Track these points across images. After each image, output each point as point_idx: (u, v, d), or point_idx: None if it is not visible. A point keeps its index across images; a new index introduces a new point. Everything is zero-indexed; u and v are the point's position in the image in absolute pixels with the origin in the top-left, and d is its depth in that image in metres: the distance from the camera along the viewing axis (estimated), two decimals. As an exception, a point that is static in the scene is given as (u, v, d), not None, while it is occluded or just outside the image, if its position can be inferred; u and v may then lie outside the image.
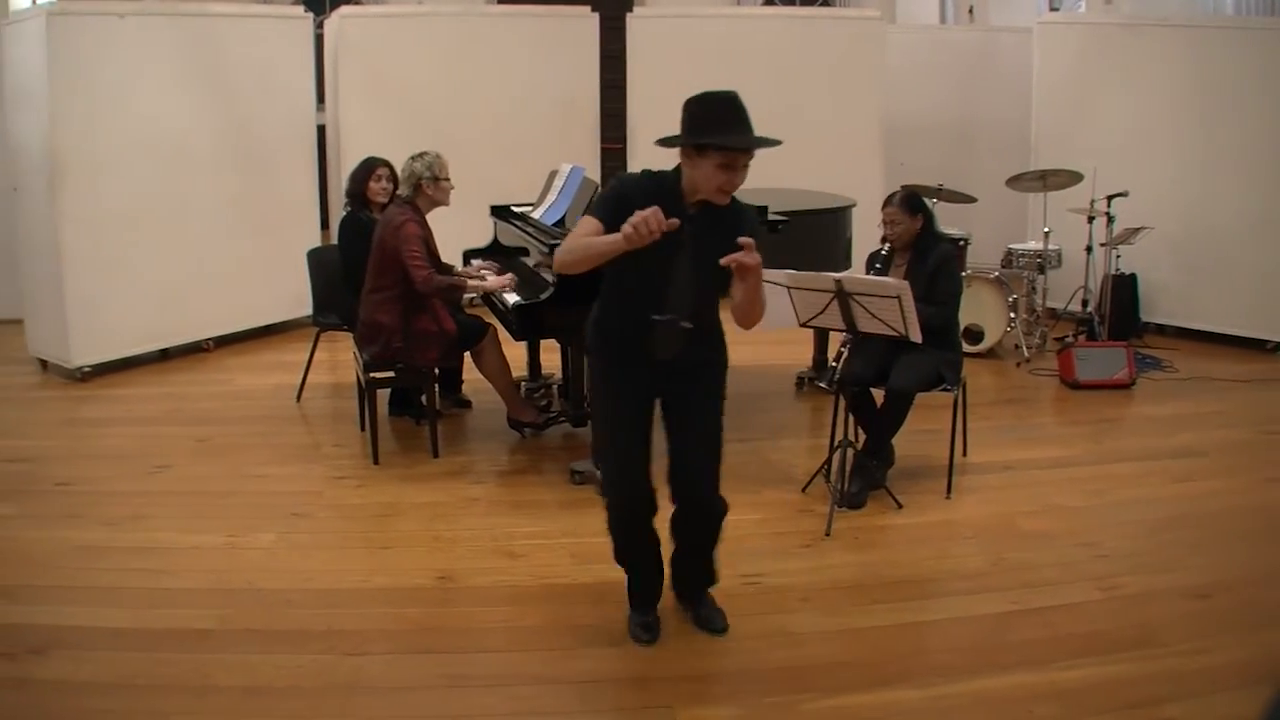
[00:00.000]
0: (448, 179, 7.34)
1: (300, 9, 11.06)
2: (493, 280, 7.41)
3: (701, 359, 4.74)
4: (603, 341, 4.80)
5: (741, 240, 4.19)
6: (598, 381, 4.94)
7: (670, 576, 5.15)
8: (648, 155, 11.58)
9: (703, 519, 4.94)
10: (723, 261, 4.19)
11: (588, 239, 4.39)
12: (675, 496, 4.85)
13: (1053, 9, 14.89)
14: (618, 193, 4.55)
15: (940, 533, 6.12)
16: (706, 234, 4.37)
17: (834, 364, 6.43)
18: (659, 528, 4.94)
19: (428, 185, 7.25)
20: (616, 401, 4.81)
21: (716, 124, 4.42)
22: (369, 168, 8.06)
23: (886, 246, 6.71)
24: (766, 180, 9.37)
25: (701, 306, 4.58)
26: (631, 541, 4.96)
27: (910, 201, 6.68)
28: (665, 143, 4.51)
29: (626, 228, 4.08)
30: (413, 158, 7.33)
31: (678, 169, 4.55)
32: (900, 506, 6.33)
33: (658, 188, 4.49)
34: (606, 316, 4.79)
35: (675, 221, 4.08)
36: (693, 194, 4.49)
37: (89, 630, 5.20)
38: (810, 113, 11.84)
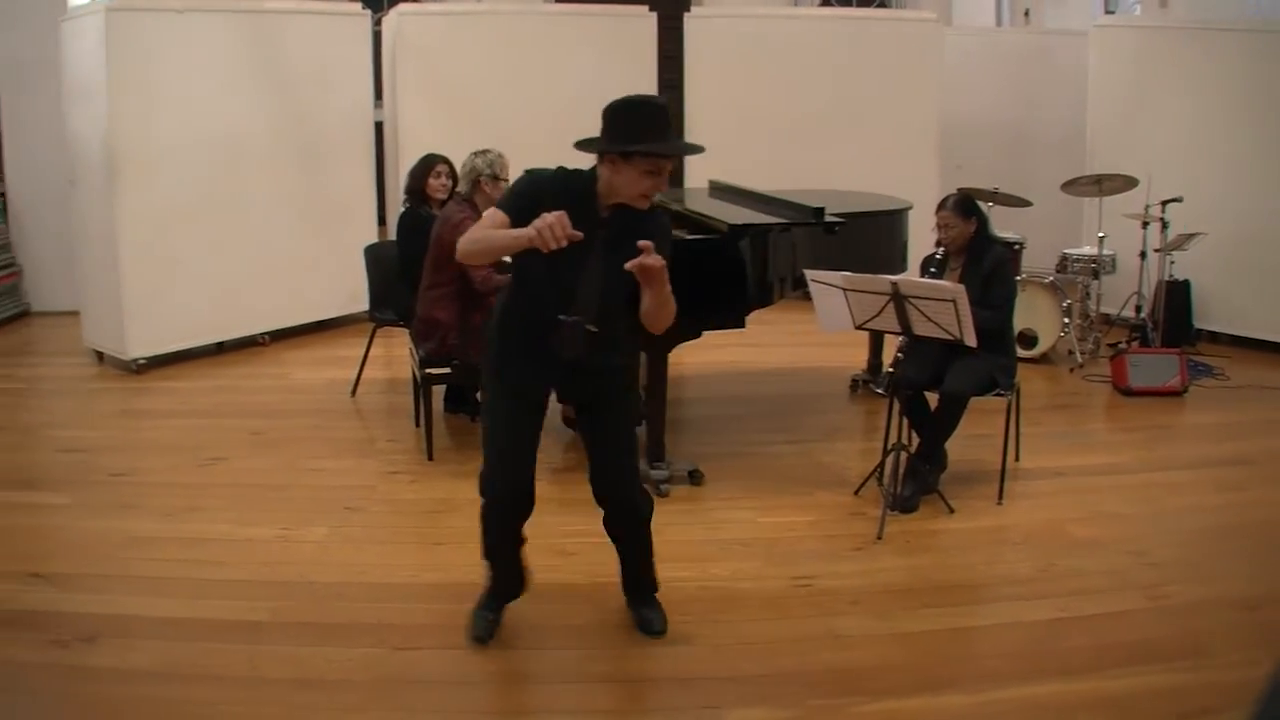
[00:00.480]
0: (508, 179, 7.33)
1: (358, 5, 11.13)
2: None
3: (610, 364, 4.71)
4: (505, 336, 4.74)
5: (641, 244, 4.19)
6: (492, 376, 4.83)
7: (621, 580, 5.20)
8: (705, 155, 11.65)
9: (626, 518, 4.99)
10: (626, 266, 4.21)
11: (492, 231, 4.38)
12: (598, 499, 4.92)
13: (1108, 12, 14.81)
14: (529, 189, 4.52)
15: (991, 538, 6.09)
16: (620, 238, 4.37)
17: (889, 369, 6.43)
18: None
19: (487, 183, 7.26)
20: (509, 399, 4.78)
21: (643, 131, 4.41)
22: (429, 164, 8.08)
23: (941, 250, 6.69)
24: (823, 182, 9.40)
25: (609, 310, 4.56)
26: (503, 538, 5.02)
27: (964, 205, 6.66)
28: (584, 146, 4.54)
29: (531, 230, 4.10)
30: (474, 154, 7.35)
31: (593, 170, 4.54)
32: (952, 511, 6.31)
33: (572, 188, 4.50)
34: (512, 312, 4.74)
35: (579, 235, 4.10)
36: (609, 197, 4.48)
37: (140, 619, 5.26)
38: (866, 114, 11.88)
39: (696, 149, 4.61)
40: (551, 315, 4.44)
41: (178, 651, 4.96)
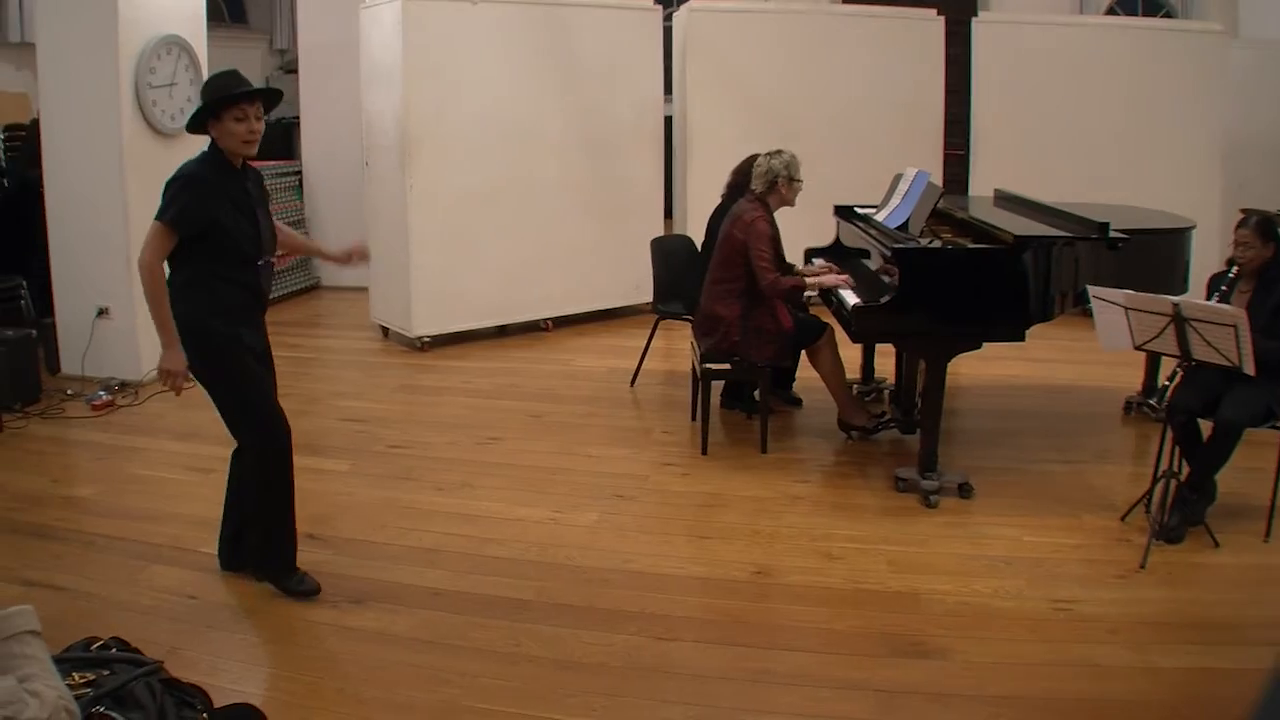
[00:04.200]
0: (801, 180, 7.40)
1: (649, 1, 11.28)
2: (830, 277, 7.43)
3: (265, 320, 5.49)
4: (227, 313, 5.17)
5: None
6: (229, 349, 5.20)
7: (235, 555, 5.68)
8: (990, 162, 11.55)
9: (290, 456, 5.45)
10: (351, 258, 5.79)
11: (163, 298, 5.01)
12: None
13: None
14: (200, 189, 5.02)
15: (1255, 577, 5.84)
16: (256, 184, 5.30)
17: (1166, 383, 6.29)
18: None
19: (783, 184, 7.33)
20: (253, 364, 5.28)
21: (221, 90, 5.03)
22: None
23: (1233, 270, 6.50)
24: (1103, 195, 9.23)
25: (272, 244, 5.38)
26: (288, 486, 5.42)
27: (1265, 227, 6.39)
28: (193, 127, 5.16)
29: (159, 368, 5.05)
30: (769, 155, 7.41)
31: (212, 148, 5.13)
32: (1217, 545, 6.06)
33: (212, 166, 5.10)
34: (215, 298, 5.15)
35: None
36: (234, 158, 5.14)
37: (408, 588, 5.52)
38: (1149, 127, 11.63)
39: (272, 91, 5.34)
40: (252, 266, 5.21)
41: (442, 622, 5.18)
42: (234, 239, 5.06)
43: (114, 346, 8.89)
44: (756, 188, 7.41)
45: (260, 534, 5.43)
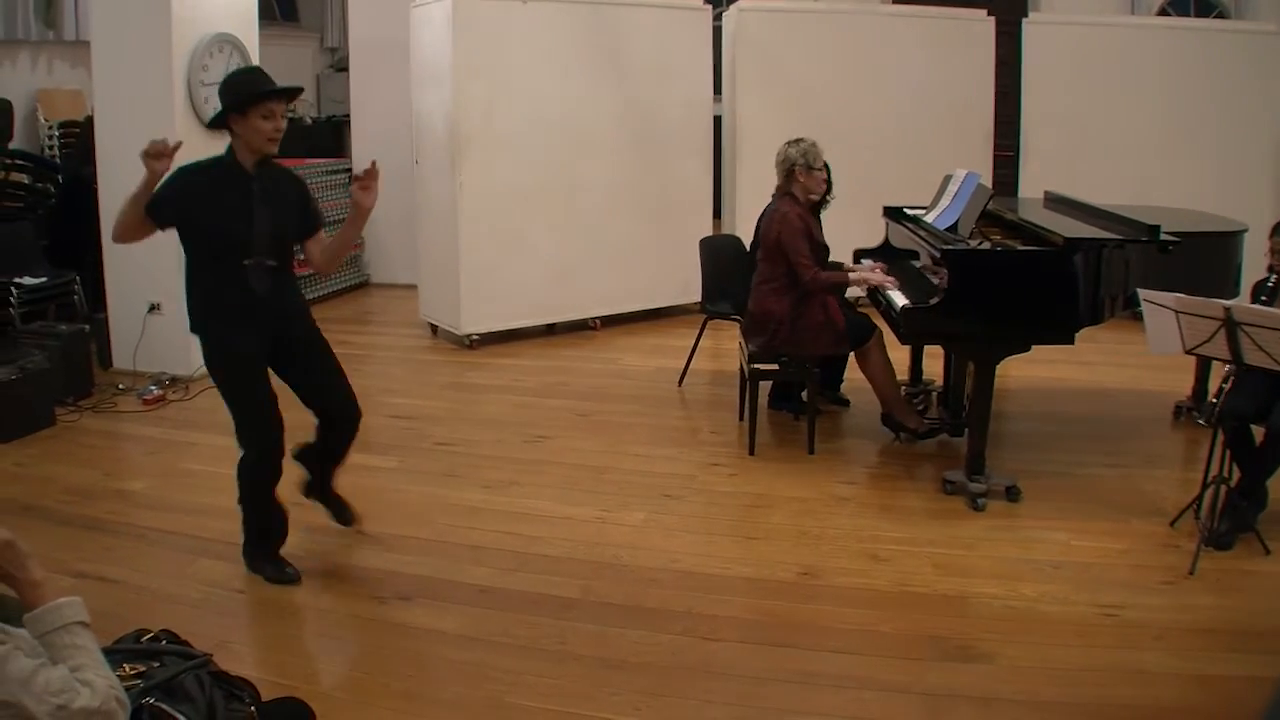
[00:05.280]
0: (820, 169, 7.40)
1: (699, 0, 11.28)
2: (875, 275, 7.41)
3: (296, 300, 5.57)
4: (216, 315, 5.28)
5: (366, 171, 5.22)
6: (219, 355, 5.34)
7: (318, 486, 6.04)
8: (1040, 164, 11.49)
9: (353, 431, 5.82)
10: (355, 186, 5.29)
11: (122, 207, 5.03)
12: (332, 426, 5.76)
13: None
14: (184, 183, 5.11)
15: None
16: (269, 190, 5.20)
17: (1214, 399, 6.24)
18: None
19: (801, 172, 7.33)
20: (245, 364, 5.33)
21: (249, 87, 5.10)
22: None
23: (1273, 277, 6.45)
24: (1154, 198, 9.16)
25: (280, 248, 5.30)
26: (269, 487, 5.56)
27: None
28: (214, 124, 5.27)
29: (145, 173, 4.83)
30: (788, 144, 7.43)
31: (228, 150, 5.20)
32: (1268, 552, 5.98)
33: (215, 166, 5.19)
34: (209, 291, 5.27)
35: (179, 141, 4.87)
36: (249, 156, 5.16)
37: (456, 584, 5.56)
38: (1201, 129, 11.54)
39: (294, 90, 5.39)
40: (239, 266, 5.15)
41: (488, 619, 5.20)
42: (211, 235, 5.13)
43: (165, 342, 8.96)
44: (779, 178, 7.44)
45: (244, 524, 5.66)
